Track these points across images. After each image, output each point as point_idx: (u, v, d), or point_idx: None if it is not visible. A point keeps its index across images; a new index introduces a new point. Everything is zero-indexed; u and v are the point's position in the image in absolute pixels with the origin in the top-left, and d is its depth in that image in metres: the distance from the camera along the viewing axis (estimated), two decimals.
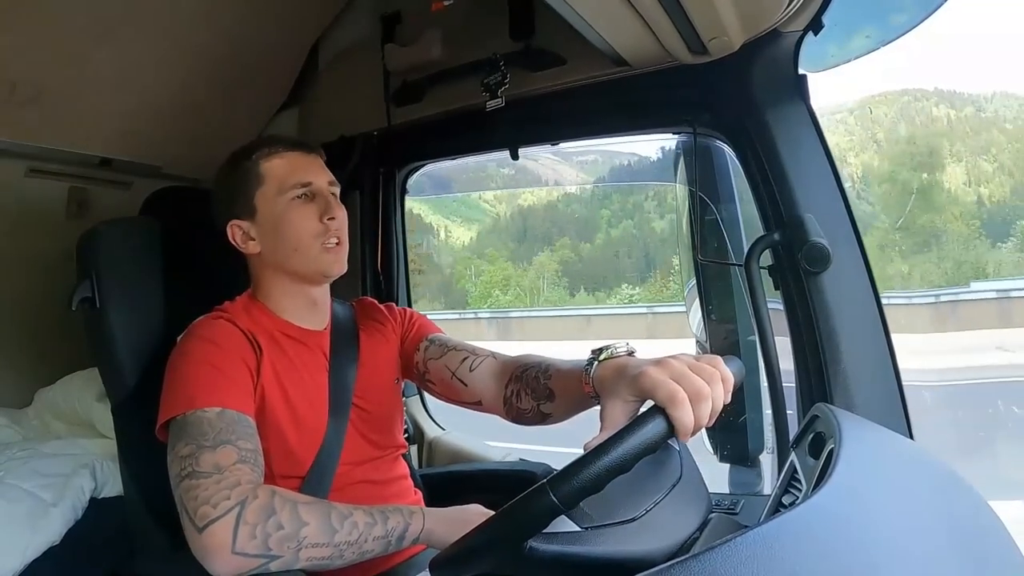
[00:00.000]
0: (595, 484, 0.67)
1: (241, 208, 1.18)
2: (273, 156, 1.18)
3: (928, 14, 1.29)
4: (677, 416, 0.72)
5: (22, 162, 1.71)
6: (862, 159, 22.14)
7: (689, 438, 0.75)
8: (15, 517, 1.47)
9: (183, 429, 0.98)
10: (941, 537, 0.73)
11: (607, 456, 0.68)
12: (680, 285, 2.49)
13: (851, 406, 1.29)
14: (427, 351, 1.29)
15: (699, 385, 0.74)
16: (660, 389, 0.74)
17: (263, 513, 0.89)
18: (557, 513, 0.66)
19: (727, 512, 1.43)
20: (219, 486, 0.90)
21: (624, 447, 0.69)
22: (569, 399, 1.07)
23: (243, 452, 0.96)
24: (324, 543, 0.91)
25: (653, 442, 0.71)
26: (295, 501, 0.92)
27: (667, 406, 0.72)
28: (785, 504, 0.89)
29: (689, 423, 0.72)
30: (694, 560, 0.54)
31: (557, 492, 0.65)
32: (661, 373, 0.76)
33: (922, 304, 11.21)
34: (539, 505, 0.66)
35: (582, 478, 0.67)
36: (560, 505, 0.65)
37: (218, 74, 1.72)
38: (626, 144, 2.38)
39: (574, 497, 0.66)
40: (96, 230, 1.28)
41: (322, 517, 0.92)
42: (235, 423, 0.99)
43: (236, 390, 1.04)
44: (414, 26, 1.72)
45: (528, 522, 0.67)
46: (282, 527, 0.89)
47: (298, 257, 1.16)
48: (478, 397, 1.21)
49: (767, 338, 1.36)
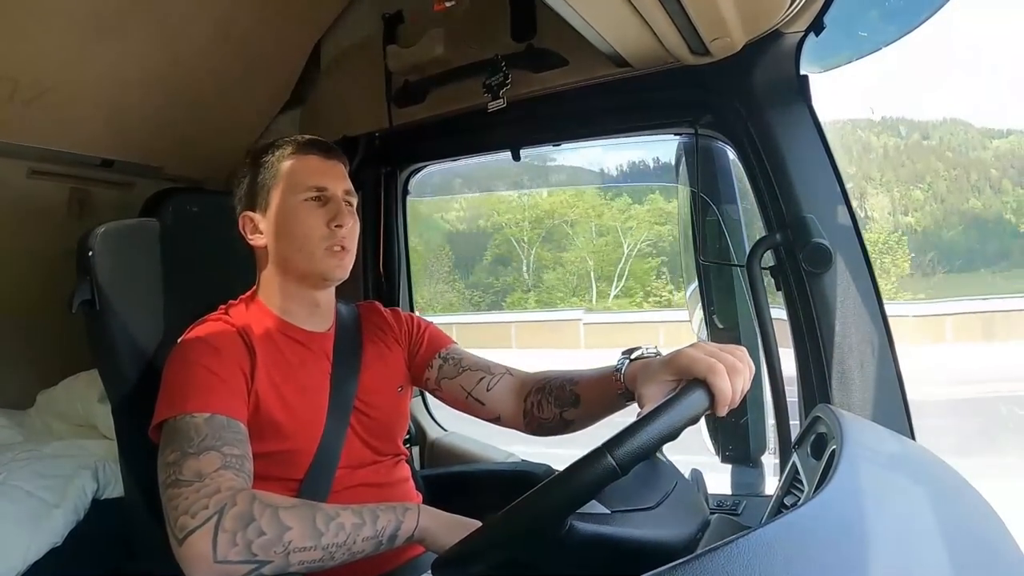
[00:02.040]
0: (647, 448, 0.69)
1: (256, 201, 1.19)
2: (295, 156, 1.19)
3: (929, 15, 1.29)
4: (718, 384, 0.79)
5: (24, 163, 1.72)
6: None
7: (726, 411, 0.80)
8: (17, 518, 1.47)
9: (171, 434, 0.98)
10: (944, 538, 0.72)
11: (659, 420, 0.71)
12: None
13: (853, 407, 1.29)
14: (441, 370, 1.29)
15: (733, 360, 0.82)
16: (699, 363, 0.81)
17: (241, 520, 0.87)
18: (614, 477, 0.67)
19: (729, 513, 1.43)
20: (198, 494, 0.89)
21: (673, 413, 0.73)
22: (595, 403, 1.11)
23: (228, 458, 0.95)
24: (311, 546, 0.89)
25: (697, 411, 0.77)
26: (276, 506, 0.90)
27: (708, 376, 0.79)
28: (787, 505, 0.89)
29: (728, 392, 0.79)
30: (696, 561, 0.54)
31: (615, 454, 0.67)
32: (698, 351, 0.83)
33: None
34: (597, 468, 0.67)
35: (637, 441, 0.69)
36: (618, 468, 0.67)
37: (220, 75, 1.72)
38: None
39: (630, 460, 0.67)
40: (95, 232, 1.28)
41: (306, 520, 0.90)
42: (223, 428, 0.98)
43: (228, 394, 1.04)
44: (416, 26, 1.72)
45: (585, 486, 0.68)
46: (263, 533, 0.87)
47: (301, 257, 1.16)
48: (496, 414, 1.23)
49: (769, 339, 1.36)
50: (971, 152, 21.84)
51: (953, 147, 22.30)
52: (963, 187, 20.88)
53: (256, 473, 1.00)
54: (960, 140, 22.40)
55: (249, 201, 1.20)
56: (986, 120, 25.39)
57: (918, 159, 22.08)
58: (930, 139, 22.68)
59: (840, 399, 1.30)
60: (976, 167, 21.00)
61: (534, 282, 22.09)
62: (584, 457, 0.68)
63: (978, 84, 27.17)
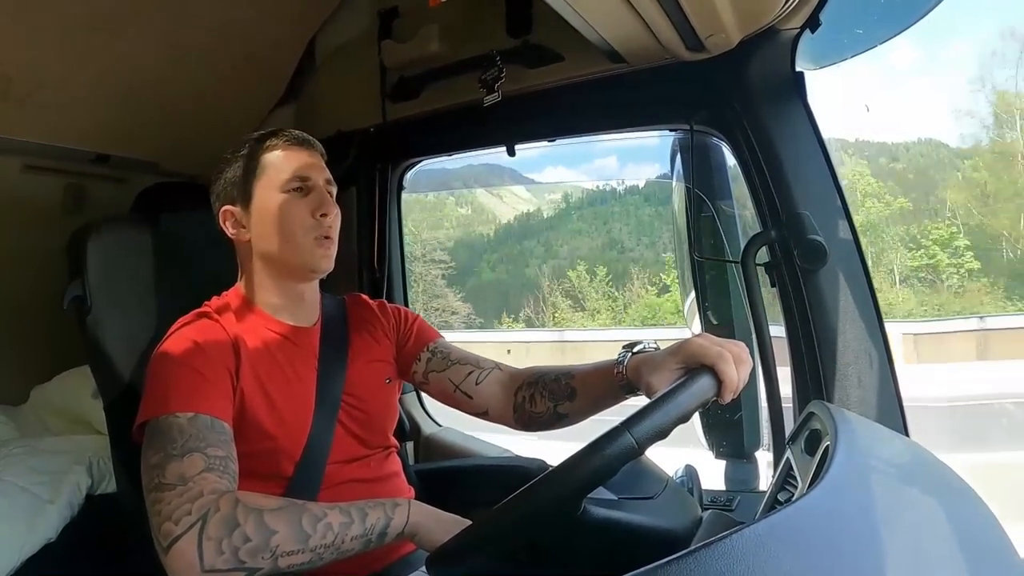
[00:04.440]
0: (663, 428, 0.72)
1: (237, 195, 1.18)
2: (275, 148, 1.18)
3: (924, 13, 1.29)
4: (726, 371, 0.84)
5: (18, 158, 1.71)
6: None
7: (731, 397, 0.85)
8: (11, 514, 1.47)
9: (154, 434, 0.97)
10: (936, 534, 0.73)
11: (673, 401, 0.75)
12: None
13: (847, 403, 1.29)
14: (429, 363, 1.29)
15: (738, 350, 0.87)
16: (709, 350, 0.86)
17: (226, 527, 0.86)
18: (634, 455, 0.69)
19: (723, 509, 1.43)
20: (181, 499, 0.88)
21: (685, 395, 0.77)
22: (592, 396, 1.12)
23: (211, 460, 0.94)
24: (299, 549, 0.89)
25: (706, 395, 0.81)
26: (261, 509, 0.89)
27: (716, 362, 0.84)
28: (781, 501, 0.89)
29: (735, 378, 0.84)
30: (690, 557, 0.54)
31: (634, 432, 0.69)
32: (705, 340, 0.88)
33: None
34: (618, 445, 0.69)
35: (655, 420, 0.71)
36: (636, 446, 0.69)
37: (215, 70, 1.72)
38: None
39: (648, 439, 0.70)
40: (87, 228, 1.27)
41: (292, 523, 0.89)
42: (207, 429, 0.97)
43: (213, 394, 1.03)
44: (411, 21, 1.72)
45: (606, 463, 0.69)
46: (249, 539, 0.86)
47: (288, 249, 1.15)
48: (484, 408, 1.23)
49: (763, 335, 1.36)
50: (936, 173, 21.67)
51: (920, 169, 22.21)
52: (919, 209, 20.65)
53: (245, 471, 0.99)
54: (932, 161, 22.30)
55: (229, 195, 1.19)
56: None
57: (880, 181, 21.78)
58: (898, 161, 22.60)
59: (834, 395, 1.30)
60: (936, 189, 20.83)
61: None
62: (605, 434, 0.69)
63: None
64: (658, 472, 0.98)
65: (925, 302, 18.40)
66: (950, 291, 18.43)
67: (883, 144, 23.53)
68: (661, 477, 0.97)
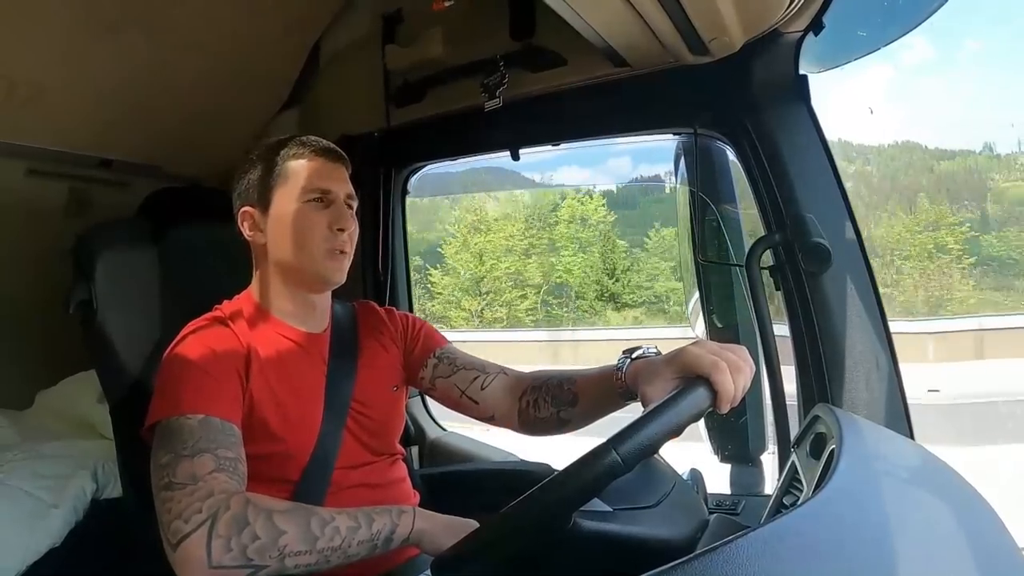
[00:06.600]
0: (652, 445, 0.70)
1: (257, 199, 1.18)
2: (300, 157, 1.18)
3: (928, 15, 1.29)
4: (720, 381, 0.80)
5: (22, 162, 1.71)
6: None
7: (728, 408, 0.81)
8: (16, 519, 1.47)
9: (165, 435, 0.97)
10: (943, 538, 0.72)
11: (663, 416, 0.72)
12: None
13: (852, 406, 1.29)
14: (435, 368, 1.28)
15: (735, 358, 0.83)
16: (703, 360, 0.82)
17: (236, 525, 0.87)
18: (619, 473, 0.68)
19: (728, 513, 1.43)
20: (192, 498, 0.88)
21: (677, 409, 0.74)
22: (593, 402, 1.11)
23: (221, 460, 0.94)
24: (306, 550, 0.89)
25: (700, 407, 0.78)
26: (270, 509, 0.90)
27: (711, 373, 0.80)
28: (786, 505, 0.89)
29: (731, 389, 0.80)
30: (696, 561, 0.54)
31: (620, 450, 0.67)
32: (701, 349, 0.84)
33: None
34: (602, 464, 0.67)
35: (641, 437, 0.69)
36: (622, 463, 0.67)
37: (218, 74, 1.72)
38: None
39: (634, 456, 0.68)
40: (92, 232, 1.27)
41: (301, 524, 0.90)
42: (217, 431, 0.98)
43: (223, 396, 1.03)
44: (415, 25, 1.72)
45: (591, 482, 0.68)
46: (258, 537, 0.87)
47: (301, 258, 1.15)
48: (490, 413, 1.23)
49: (768, 338, 1.36)
50: (904, 176, 21.54)
51: (891, 172, 22.11)
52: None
53: (252, 474, 1.00)
54: (904, 164, 22.17)
55: (250, 197, 1.19)
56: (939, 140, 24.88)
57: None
58: (871, 164, 22.51)
59: (839, 398, 1.30)
60: (903, 191, 20.68)
61: None
62: (589, 453, 0.68)
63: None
64: (667, 474, 0.97)
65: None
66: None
67: (863, 146, 23.47)
68: (668, 481, 0.96)
